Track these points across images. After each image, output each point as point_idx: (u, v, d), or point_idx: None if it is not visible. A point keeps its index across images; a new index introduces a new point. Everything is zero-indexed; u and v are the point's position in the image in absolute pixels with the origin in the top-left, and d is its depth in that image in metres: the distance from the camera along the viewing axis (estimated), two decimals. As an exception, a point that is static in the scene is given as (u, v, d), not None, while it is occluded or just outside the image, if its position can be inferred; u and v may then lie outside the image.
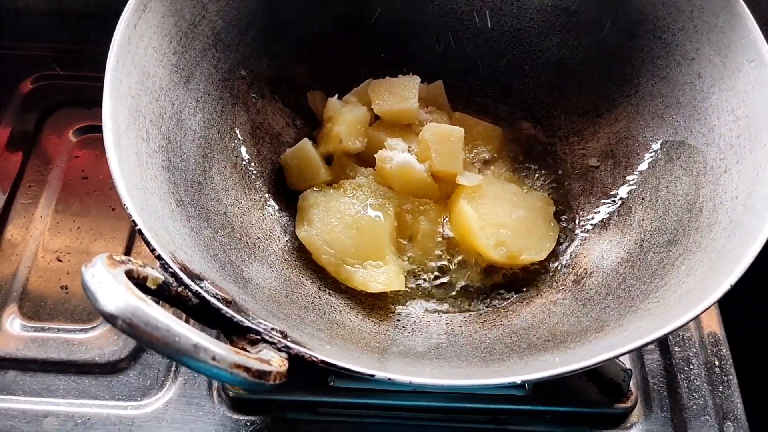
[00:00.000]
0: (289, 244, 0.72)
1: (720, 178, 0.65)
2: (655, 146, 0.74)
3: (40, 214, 0.84)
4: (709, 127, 0.69)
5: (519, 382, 0.48)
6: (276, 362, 0.46)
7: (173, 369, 0.73)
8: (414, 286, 0.72)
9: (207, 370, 0.40)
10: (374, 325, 0.67)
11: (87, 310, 0.76)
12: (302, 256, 0.71)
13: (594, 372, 0.71)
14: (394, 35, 0.84)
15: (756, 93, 0.64)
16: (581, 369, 0.48)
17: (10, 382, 0.71)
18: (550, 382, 0.70)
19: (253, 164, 0.75)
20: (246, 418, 0.70)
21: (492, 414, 0.71)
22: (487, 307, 0.71)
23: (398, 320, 0.69)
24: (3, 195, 0.85)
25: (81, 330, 0.75)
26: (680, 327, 0.50)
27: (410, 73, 0.80)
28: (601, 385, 0.71)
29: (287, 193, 0.76)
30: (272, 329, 0.50)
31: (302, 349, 0.49)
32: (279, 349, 0.48)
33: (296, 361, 0.48)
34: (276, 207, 0.75)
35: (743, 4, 0.67)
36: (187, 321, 0.46)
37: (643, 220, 0.70)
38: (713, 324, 0.77)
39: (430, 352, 0.64)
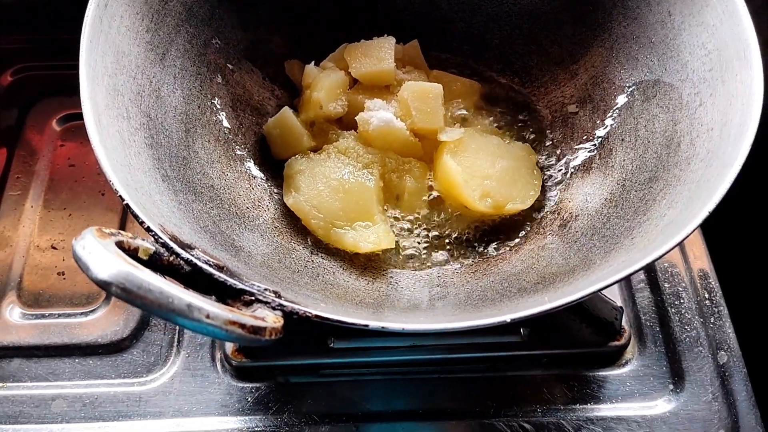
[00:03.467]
0: (278, 212, 0.73)
1: (696, 111, 0.66)
2: (632, 87, 0.74)
3: (30, 204, 0.84)
4: (682, 63, 0.69)
5: (509, 320, 0.49)
6: (271, 319, 0.47)
7: (176, 344, 0.74)
8: (404, 243, 0.73)
9: (202, 329, 0.41)
10: (367, 283, 0.68)
11: (86, 294, 0.77)
12: (292, 222, 0.72)
13: (587, 313, 0.72)
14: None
15: (724, 25, 0.65)
16: (568, 303, 0.50)
17: (16, 370, 0.73)
18: (545, 326, 0.73)
19: (236, 136, 0.76)
20: (250, 385, 0.72)
21: (490, 362, 0.73)
22: (477, 257, 0.72)
23: (391, 277, 0.70)
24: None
25: (81, 313, 0.76)
26: (661, 256, 0.51)
27: (385, 35, 0.80)
28: (594, 325, 0.72)
29: (273, 163, 0.77)
30: (265, 290, 0.51)
31: (296, 306, 0.50)
32: (273, 308, 0.49)
33: (291, 317, 0.50)
34: (263, 177, 0.75)
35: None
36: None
37: (623, 160, 0.71)
38: (701, 259, 0.79)
39: (423, 303, 0.65)
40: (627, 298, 0.76)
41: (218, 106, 0.75)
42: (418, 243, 0.73)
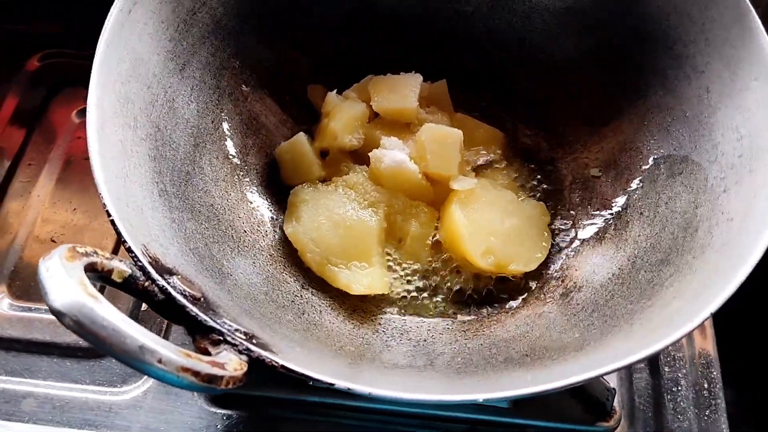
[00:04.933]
0: (276, 240, 0.71)
1: (719, 197, 0.63)
2: (659, 160, 0.71)
3: (38, 193, 0.84)
4: (713, 143, 0.66)
5: (480, 401, 0.47)
6: (232, 366, 0.45)
7: (155, 357, 0.73)
8: (399, 290, 0.71)
9: (153, 373, 0.40)
10: (353, 327, 0.66)
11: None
12: (289, 252, 0.70)
13: (578, 388, 0.69)
14: (402, 31, 0.82)
15: (760, 112, 0.62)
16: (547, 391, 0.47)
17: (-7, 361, 0.72)
18: (533, 396, 0.70)
19: (247, 156, 0.75)
20: (223, 411, 0.70)
21: (472, 424, 0.70)
22: (471, 315, 0.69)
23: (379, 324, 0.68)
24: (2, 171, 0.85)
25: (68, 312, 0.75)
26: (654, 353, 0.48)
27: (413, 71, 0.79)
28: (584, 402, 0.69)
29: (281, 187, 0.75)
30: (236, 330, 0.49)
31: (263, 353, 0.48)
32: (240, 352, 0.48)
33: (257, 364, 0.48)
34: (267, 201, 0.74)
35: (757, 18, 0.64)
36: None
37: (638, 235, 0.68)
38: (707, 344, 0.75)
39: (405, 359, 0.63)
40: (624, 377, 0.73)
41: (232, 123, 0.74)
42: (414, 291, 0.71)
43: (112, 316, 0.39)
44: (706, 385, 0.73)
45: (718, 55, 0.67)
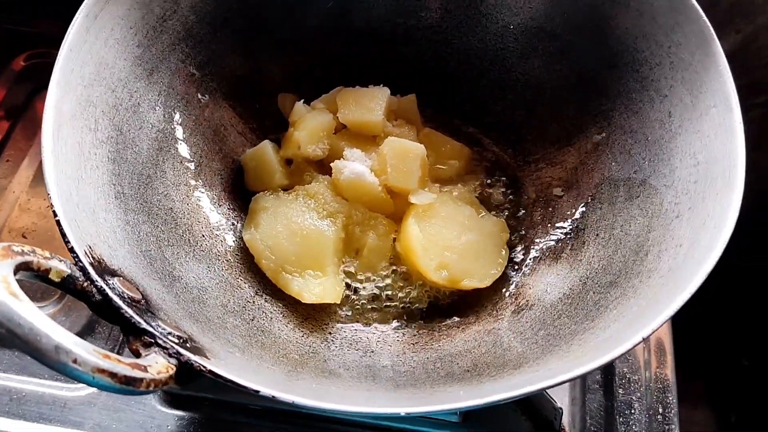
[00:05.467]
0: (234, 246, 0.72)
1: (671, 222, 0.63)
2: (619, 182, 0.72)
3: (14, 189, 0.86)
4: (671, 168, 0.67)
5: (403, 414, 0.47)
6: (157, 369, 0.46)
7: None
8: (353, 300, 0.71)
9: (69, 373, 0.41)
10: (302, 335, 0.67)
11: (41, 289, 0.78)
12: (245, 258, 0.71)
13: (528, 406, 0.70)
14: (375, 45, 0.83)
15: (717, 139, 0.62)
16: (465, 407, 0.47)
17: (-47, 352, 0.74)
18: (484, 410, 0.70)
19: (212, 162, 0.76)
20: (176, 412, 0.71)
21: (421, 437, 0.70)
22: (423, 329, 0.70)
23: (329, 333, 0.68)
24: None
25: (32, 307, 0.77)
26: (568, 380, 0.48)
27: (382, 85, 0.79)
28: (533, 420, 0.69)
29: (246, 194, 0.76)
30: (169, 334, 0.50)
31: (192, 357, 0.49)
32: (170, 355, 0.49)
33: (186, 367, 0.49)
34: (229, 207, 0.75)
35: (719, 45, 0.65)
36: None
37: (593, 256, 0.69)
38: (665, 369, 0.75)
39: (348, 369, 0.63)
40: (577, 396, 0.73)
41: (199, 129, 0.75)
42: (368, 302, 0.71)
43: (29, 314, 0.40)
44: (660, 410, 0.73)
45: (682, 79, 0.67)
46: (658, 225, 0.64)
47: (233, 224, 0.74)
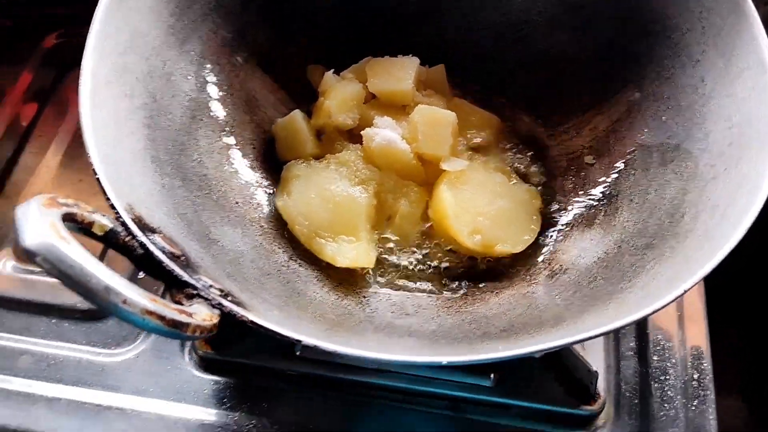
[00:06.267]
0: (268, 213, 0.73)
1: (707, 185, 0.63)
2: (652, 148, 0.71)
3: (47, 164, 0.87)
4: (705, 132, 0.66)
5: (444, 362, 0.47)
6: (201, 317, 0.46)
7: (149, 323, 0.75)
8: (386, 265, 0.72)
9: (118, 313, 0.42)
10: (337, 298, 0.67)
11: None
12: (279, 225, 0.72)
13: (562, 370, 0.70)
14: (404, 18, 0.84)
15: (752, 101, 0.62)
16: (508, 357, 0.47)
17: (-6, 319, 0.75)
18: (518, 375, 0.70)
19: (244, 131, 0.76)
20: (212, 377, 0.72)
21: (454, 401, 0.70)
22: (456, 293, 0.70)
23: (363, 297, 0.69)
24: (14, 142, 0.88)
25: (68, 277, 0.78)
26: (608, 332, 0.49)
27: (411, 55, 0.79)
28: (568, 384, 0.69)
29: (276, 163, 0.77)
30: (210, 286, 0.51)
31: (234, 308, 0.49)
32: (213, 306, 0.49)
33: (228, 318, 0.49)
34: (261, 175, 0.75)
35: (752, 6, 0.64)
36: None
37: (627, 221, 0.68)
38: (699, 337, 0.74)
39: (384, 329, 0.63)
40: (612, 364, 0.73)
41: (231, 99, 0.76)
42: (401, 268, 0.71)
43: (80, 257, 0.41)
44: (695, 376, 0.72)
45: (714, 44, 0.67)
46: (693, 188, 0.64)
47: (266, 192, 0.74)
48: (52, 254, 0.40)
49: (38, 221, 0.42)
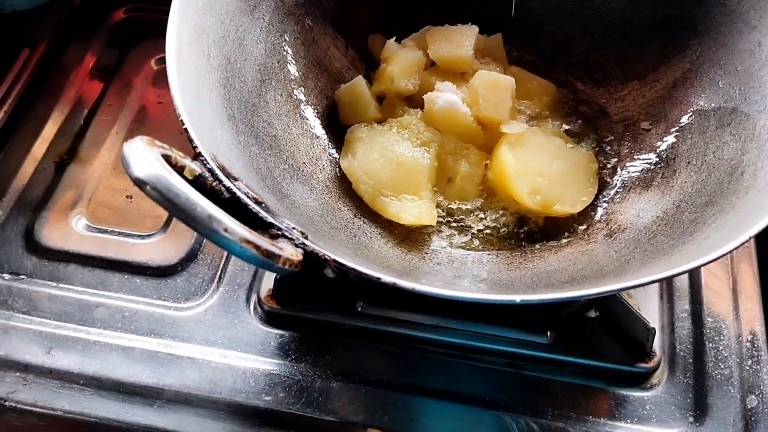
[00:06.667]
0: (333, 174, 0.76)
1: (766, 143, 0.64)
2: (709, 112, 0.73)
3: (116, 131, 0.91)
4: (762, 94, 0.67)
5: (518, 301, 0.50)
6: (289, 252, 0.49)
7: (216, 279, 0.78)
8: (447, 223, 0.74)
9: (218, 240, 0.44)
10: (402, 253, 0.70)
11: (147, 219, 0.83)
12: (343, 185, 0.75)
13: (619, 327, 0.71)
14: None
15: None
16: (578, 297, 0.49)
17: (70, 274, 0.79)
18: (574, 333, 0.72)
19: (309, 96, 0.79)
20: (276, 331, 0.75)
21: (511, 358, 0.72)
22: (516, 251, 0.72)
23: (426, 253, 0.71)
24: (85, 110, 0.92)
25: (139, 236, 0.81)
26: (682, 272, 0.50)
27: (470, 23, 0.82)
28: (624, 342, 0.71)
29: (339, 127, 0.80)
30: (293, 228, 0.53)
31: (317, 247, 0.52)
32: (296, 245, 0.52)
33: (311, 257, 0.52)
34: (326, 138, 0.78)
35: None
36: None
37: (685, 182, 0.70)
38: (752, 302, 0.76)
39: (450, 282, 0.66)
40: (666, 324, 0.74)
41: (298, 65, 0.79)
42: (462, 227, 0.74)
43: (186, 188, 0.44)
44: (749, 337, 0.73)
45: (768, 9, 0.68)
46: (751, 147, 0.65)
47: (330, 154, 0.77)
48: (161, 183, 0.43)
49: (146, 155, 0.45)
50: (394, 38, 0.82)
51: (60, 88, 0.95)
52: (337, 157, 0.77)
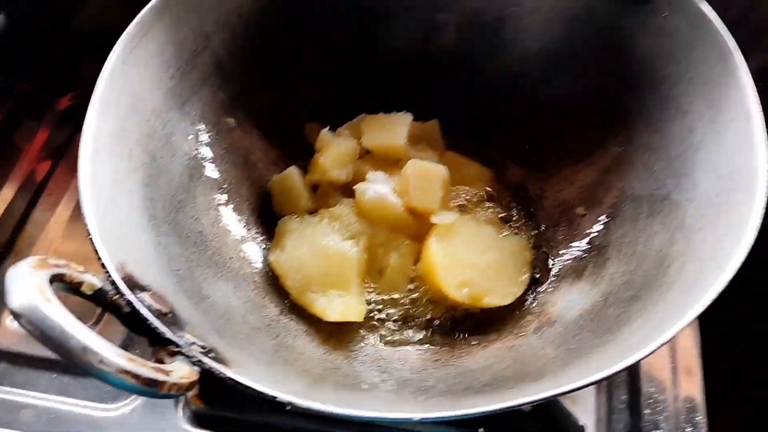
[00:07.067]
0: (261, 268, 0.75)
1: (694, 236, 0.63)
2: (642, 199, 0.72)
3: (57, 219, 0.90)
4: (693, 183, 0.67)
5: (416, 419, 0.48)
6: (179, 375, 0.48)
7: (146, 376, 0.76)
8: (376, 319, 0.73)
9: (94, 372, 0.43)
10: (325, 352, 0.68)
11: (78, 314, 0.81)
12: (272, 280, 0.74)
13: (551, 423, 0.70)
14: (399, 74, 0.86)
15: (740, 152, 0.62)
16: (477, 413, 0.48)
17: (0, 373, 0.77)
18: (506, 429, 0.70)
19: (241, 188, 0.79)
20: (204, 432, 0.73)
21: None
22: (445, 346, 0.71)
23: (352, 351, 0.70)
24: (26, 197, 0.92)
25: (71, 331, 0.80)
26: (588, 384, 0.49)
27: (405, 111, 0.82)
28: (558, 438, 0.69)
29: (273, 218, 0.79)
30: (193, 344, 0.52)
31: (214, 365, 0.51)
32: (193, 363, 0.51)
33: (208, 375, 0.51)
34: (257, 231, 0.78)
35: (739, 57, 0.65)
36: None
37: (615, 273, 0.69)
38: (693, 389, 0.74)
39: (369, 384, 0.64)
40: (603, 417, 0.72)
41: (229, 157, 0.78)
42: (391, 321, 0.73)
43: (61, 318, 0.43)
44: (689, 430, 0.71)
45: (702, 95, 0.68)
46: (680, 238, 0.65)
47: (261, 247, 0.76)
48: (35, 316, 0.42)
49: (26, 283, 0.44)
50: (328, 127, 0.82)
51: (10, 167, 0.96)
52: (268, 250, 0.76)
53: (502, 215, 0.80)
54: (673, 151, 0.70)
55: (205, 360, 0.51)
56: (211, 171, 0.76)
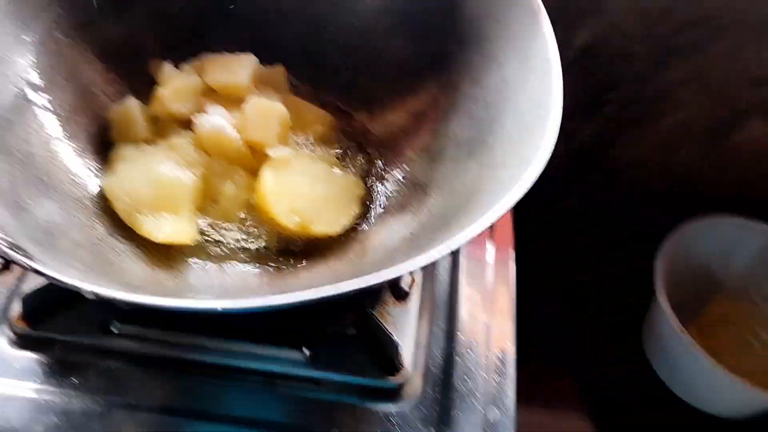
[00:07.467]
0: (94, 193, 0.75)
1: (498, 172, 0.69)
2: (462, 142, 0.78)
3: None
4: (502, 125, 0.73)
5: (220, 309, 0.51)
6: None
7: (-32, 300, 0.75)
8: (208, 246, 0.75)
9: None
10: (151, 270, 0.70)
11: None
12: (104, 205, 0.74)
13: (373, 345, 0.74)
14: (252, 20, 0.89)
15: (540, 94, 0.69)
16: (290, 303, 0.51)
17: None
18: (331, 349, 0.74)
19: (78, 116, 0.78)
20: (26, 354, 0.72)
21: (269, 376, 0.73)
22: (272, 269, 0.74)
23: (179, 270, 0.71)
24: None
25: None
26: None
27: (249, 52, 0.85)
28: (374, 356, 0.74)
29: (110, 147, 0.79)
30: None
31: (16, 256, 0.52)
32: (-3, 256, 0.51)
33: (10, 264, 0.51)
34: (93, 157, 0.78)
35: (544, 11, 0.72)
36: None
37: (433, 206, 0.75)
38: (504, 319, 0.81)
39: (189, 293, 0.67)
40: (423, 341, 0.78)
41: (70, 83, 0.78)
42: (221, 246, 0.75)
43: None
44: (498, 354, 0.78)
45: (513, 48, 0.75)
46: (487, 175, 0.71)
47: (95, 174, 0.77)
48: None
49: None
50: (172, 63, 0.84)
51: None
52: (102, 176, 0.77)
53: (338, 154, 0.84)
54: (490, 99, 0.77)
55: (9, 252, 0.51)
56: (47, 95, 0.76)
